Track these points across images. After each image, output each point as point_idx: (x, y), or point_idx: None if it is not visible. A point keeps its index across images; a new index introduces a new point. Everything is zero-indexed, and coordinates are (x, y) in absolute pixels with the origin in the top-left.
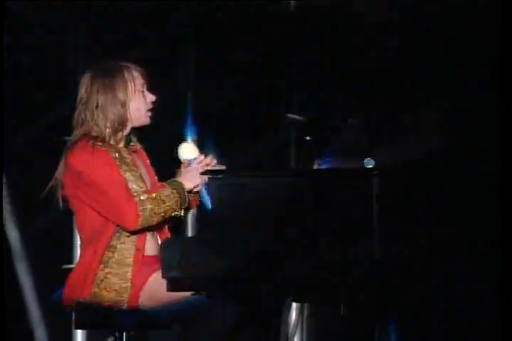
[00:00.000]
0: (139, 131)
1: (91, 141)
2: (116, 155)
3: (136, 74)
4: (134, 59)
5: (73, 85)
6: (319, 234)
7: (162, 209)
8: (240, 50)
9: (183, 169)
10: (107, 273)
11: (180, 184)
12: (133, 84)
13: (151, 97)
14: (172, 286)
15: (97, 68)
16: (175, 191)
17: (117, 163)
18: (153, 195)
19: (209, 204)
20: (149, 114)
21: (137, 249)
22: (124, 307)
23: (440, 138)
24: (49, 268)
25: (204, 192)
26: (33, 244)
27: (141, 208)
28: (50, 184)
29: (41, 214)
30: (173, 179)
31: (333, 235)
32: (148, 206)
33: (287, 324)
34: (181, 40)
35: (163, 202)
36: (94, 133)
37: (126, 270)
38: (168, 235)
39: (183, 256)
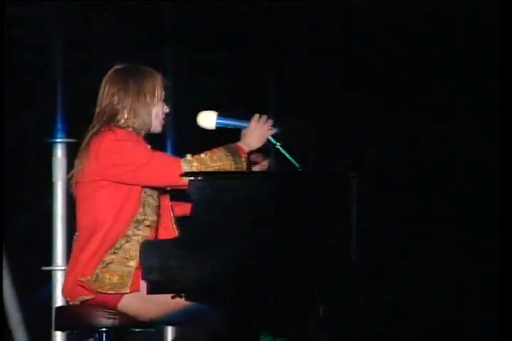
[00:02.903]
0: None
1: (123, 127)
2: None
3: (161, 83)
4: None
5: (48, 87)
6: (299, 235)
7: (211, 169)
8: (219, 49)
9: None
10: (113, 259)
11: (237, 149)
12: (160, 92)
13: (166, 108)
14: (152, 289)
15: (130, 68)
16: (229, 154)
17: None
18: (202, 155)
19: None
20: (163, 122)
21: None
22: (126, 291)
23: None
24: (29, 270)
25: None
26: (13, 245)
27: (185, 166)
28: (69, 175)
29: (21, 216)
30: (230, 144)
31: (312, 237)
32: (194, 163)
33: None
34: (160, 40)
35: (214, 161)
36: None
37: (131, 261)
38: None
39: (163, 258)
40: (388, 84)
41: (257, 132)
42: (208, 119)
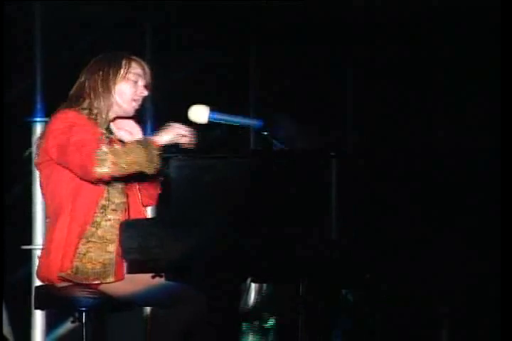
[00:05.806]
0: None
1: (77, 109)
2: (99, 130)
3: (135, 65)
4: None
5: (27, 66)
6: (278, 214)
7: (123, 161)
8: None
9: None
10: (89, 248)
11: (149, 141)
12: (125, 71)
13: (142, 91)
14: (132, 268)
15: (105, 54)
16: (140, 146)
17: (99, 132)
18: (117, 147)
19: None
20: (134, 104)
21: None
22: (111, 280)
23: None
24: (9, 249)
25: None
26: None
27: (99, 157)
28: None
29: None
30: (143, 137)
31: (291, 215)
32: (109, 156)
33: (246, 304)
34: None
35: (126, 154)
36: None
37: (109, 244)
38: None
39: (142, 237)
40: (388, 84)
41: (172, 130)
42: (200, 113)
